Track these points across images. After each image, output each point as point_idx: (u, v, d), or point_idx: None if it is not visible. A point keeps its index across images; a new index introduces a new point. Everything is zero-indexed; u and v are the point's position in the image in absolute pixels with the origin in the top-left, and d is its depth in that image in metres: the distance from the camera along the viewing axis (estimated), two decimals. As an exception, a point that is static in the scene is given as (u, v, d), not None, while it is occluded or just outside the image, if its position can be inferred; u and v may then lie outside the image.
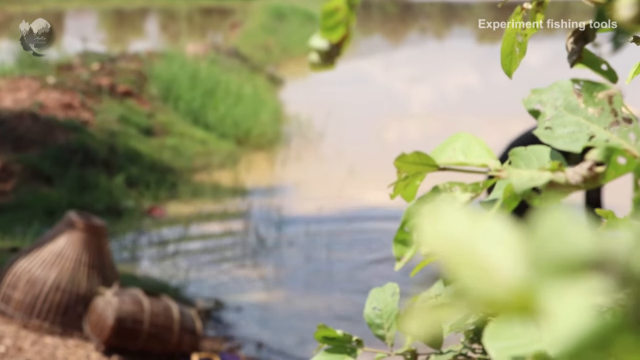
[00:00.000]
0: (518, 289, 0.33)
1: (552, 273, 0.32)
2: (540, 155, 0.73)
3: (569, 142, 0.69)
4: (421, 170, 0.71)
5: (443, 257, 0.35)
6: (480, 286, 0.33)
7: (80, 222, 4.00)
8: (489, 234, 0.34)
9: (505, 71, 0.85)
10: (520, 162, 0.72)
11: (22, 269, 3.97)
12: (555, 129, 0.71)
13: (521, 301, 0.33)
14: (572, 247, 0.32)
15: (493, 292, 0.33)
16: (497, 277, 0.33)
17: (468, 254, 0.34)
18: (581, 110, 0.70)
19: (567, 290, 0.32)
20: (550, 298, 0.32)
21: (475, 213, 0.36)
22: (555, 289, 0.32)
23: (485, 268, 0.33)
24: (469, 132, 0.76)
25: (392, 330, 0.95)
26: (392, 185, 0.73)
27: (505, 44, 0.84)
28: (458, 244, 0.35)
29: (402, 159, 0.70)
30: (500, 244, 0.34)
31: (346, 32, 0.64)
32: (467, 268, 0.34)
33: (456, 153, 0.74)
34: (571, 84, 0.72)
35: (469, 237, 0.35)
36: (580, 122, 0.70)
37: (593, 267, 0.32)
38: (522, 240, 0.34)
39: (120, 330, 3.73)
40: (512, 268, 0.33)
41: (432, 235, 0.36)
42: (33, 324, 3.88)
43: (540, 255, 0.33)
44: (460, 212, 0.36)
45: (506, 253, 0.34)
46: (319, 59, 0.65)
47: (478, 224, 0.35)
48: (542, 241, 0.33)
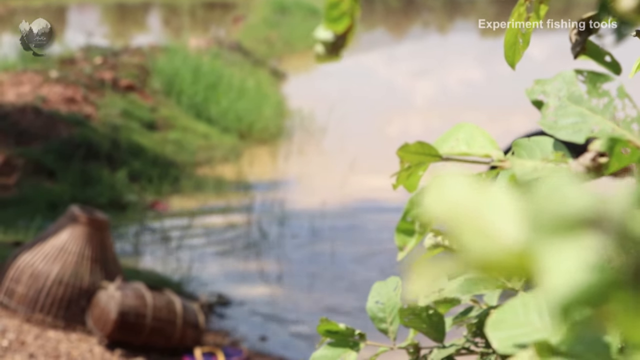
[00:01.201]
0: (517, 248, 0.33)
1: (550, 232, 0.33)
2: (544, 146, 0.73)
3: (572, 133, 0.69)
4: (424, 161, 0.71)
5: (447, 222, 0.35)
6: (482, 247, 0.34)
7: (83, 216, 4.00)
8: (491, 200, 0.35)
9: (509, 62, 0.85)
10: (523, 153, 0.72)
11: (25, 263, 3.98)
12: (558, 119, 0.71)
13: (520, 260, 0.33)
14: (568, 206, 0.33)
15: (494, 252, 0.33)
16: (498, 238, 0.34)
17: (471, 218, 0.34)
18: (585, 101, 0.70)
19: (564, 248, 0.32)
20: (547, 256, 0.33)
21: (478, 182, 0.37)
22: (552, 247, 0.33)
23: (487, 230, 0.34)
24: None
25: (395, 324, 0.95)
26: (395, 175, 0.73)
27: (508, 36, 0.84)
28: (461, 208, 0.35)
29: (405, 149, 0.69)
30: (501, 208, 0.34)
31: (351, 23, 0.64)
32: (470, 231, 0.34)
33: (459, 143, 0.74)
34: (575, 75, 0.71)
35: (472, 202, 0.35)
36: (583, 113, 0.70)
37: (589, 225, 0.32)
38: (522, 202, 0.34)
39: (123, 324, 3.73)
40: (512, 229, 0.34)
41: (436, 202, 0.36)
42: (36, 318, 3.89)
43: (538, 215, 0.33)
44: (464, 180, 0.37)
45: (507, 216, 0.34)
46: (324, 51, 0.64)
47: (481, 191, 0.36)
48: (540, 201, 0.34)
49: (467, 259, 0.35)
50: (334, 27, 0.64)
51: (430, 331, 0.93)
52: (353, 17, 0.64)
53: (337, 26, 0.64)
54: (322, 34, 0.64)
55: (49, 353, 3.49)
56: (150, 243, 6.19)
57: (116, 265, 4.11)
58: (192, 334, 3.97)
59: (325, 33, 0.64)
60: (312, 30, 0.65)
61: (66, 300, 3.90)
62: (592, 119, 0.70)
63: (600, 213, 0.33)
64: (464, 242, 0.35)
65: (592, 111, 0.70)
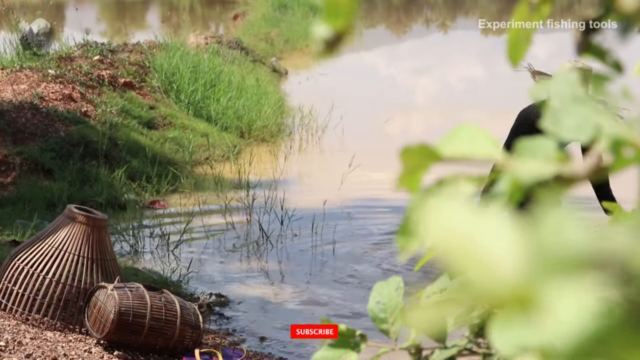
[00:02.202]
0: (519, 284, 0.32)
1: (553, 269, 0.32)
2: (546, 147, 0.72)
3: (575, 134, 0.68)
4: (425, 162, 0.70)
5: (446, 251, 0.34)
6: (482, 281, 0.33)
7: (81, 215, 3.99)
8: (491, 229, 0.34)
9: (511, 61, 0.84)
10: (526, 154, 0.71)
11: (22, 263, 3.96)
12: (561, 119, 0.70)
13: (522, 297, 0.33)
14: (573, 244, 0.32)
15: (494, 287, 0.33)
16: (499, 273, 0.33)
17: (470, 249, 0.33)
18: (588, 101, 0.69)
19: (568, 287, 0.31)
20: (551, 294, 0.32)
21: (478, 207, 0.36)
22: (556, 286, 0.32)
23: (487, 263, 0.33)
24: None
25: (397, 325, 0.94)
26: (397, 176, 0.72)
27: (511, 34, 0.83)
28: (461, 238, 0.34)
29: (406, 150, 0.68)
30: (502, 239, 0.34)
31: (350, 19, 0.63)
32: (470, 263, 0.33)
33: (461, 144, 0.73)
34: (577, 75, 0.70)
35: (471, 231, 0.34)
36: (586, 113, 0.69)
37: (594, 264, 0.31)
38: (524, 235, 0.34)
39: (122, 324, 3.72)
40: (513, 263, 0.33)
41: (435, 230, 0.35)
42: (33, 319, 3.88)
43: (541, 251, 0.32)
44: (463, 207, 0.36)
45: (508, 248, 0.33)
46: (323, 47, 0.64)
47: (481, 219, 0.35)
48: (544, 237, 0.33)
49: (466, 291, 0.34)
50: (333, 23, 0.63)
51: (432, 332, 0.92)
52: (352, 13, 0.63)
53: (336, 22, 0.63)
54: (321, 30, 0.63)
55: (46, 354, 3.48)
56: (149, 242, 6.18)
57: (114, 264, 4.10)
58: (191, 334, 3.96)
59: (324, 29, 0.63)
60: (312, 28, 0.64)
61: (64, 300, 3.89)
62: (595, 119, 0.69)
63: (605, 252, 0.32)
64: (462, 273, 0.34)
65: (596, 111, 0.69)
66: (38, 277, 3.92)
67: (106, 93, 9.04)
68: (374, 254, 6.10)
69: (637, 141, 0.64)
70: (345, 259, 6.02)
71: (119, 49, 11.06)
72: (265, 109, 10.21)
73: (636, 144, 0.63)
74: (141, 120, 8.90)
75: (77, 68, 9.23)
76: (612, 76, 0.68)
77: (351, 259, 6.02)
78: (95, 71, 9.35)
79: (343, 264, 5.92)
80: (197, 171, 8.29)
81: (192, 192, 7.37)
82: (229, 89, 10.40)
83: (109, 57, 10.20)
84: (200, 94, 10.06)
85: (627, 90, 0.68)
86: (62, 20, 20.74)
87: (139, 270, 5.39)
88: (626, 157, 0.62)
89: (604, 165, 0.62)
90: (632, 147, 0.62)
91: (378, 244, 6.32)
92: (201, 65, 10.54)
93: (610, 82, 0.68)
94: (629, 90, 0.68)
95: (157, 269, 5.56)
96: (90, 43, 10.69)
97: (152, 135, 8.70)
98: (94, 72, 9.30)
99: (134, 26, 22.23)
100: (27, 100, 8.06)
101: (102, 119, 8.36)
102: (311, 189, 7.80)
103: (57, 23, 15.70)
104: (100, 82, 9.21)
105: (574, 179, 0.63)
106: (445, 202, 0.36)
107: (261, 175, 7.86)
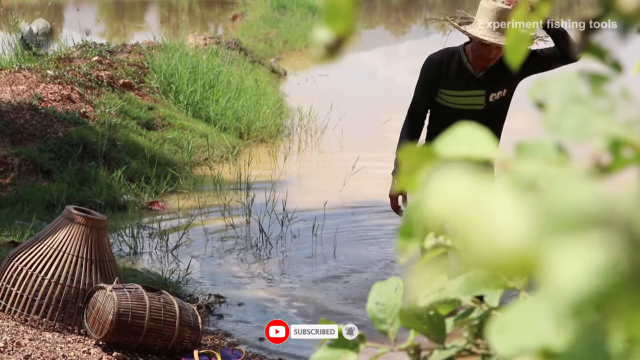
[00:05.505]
0: (523, 246, 0.32)
1: (557, 230, 0.32)
2: (546, 147, 0.72)
3: (574, 134, 0.68)
4: (424, 163, 0.70)
5: (450, 221, 0.34)
6: (486, 245, 0.33)
7: (80, 216, 3.98)
8: (495, 197, 0.34)
9: (511, 62, 0.84)
10: (525, 154, 0.71)
11: (21, 264, 3.96)
12: (560, 120, 0.70)
13: (525, 259, 0.33)
14: (577, 204, 0.32)
15: (498, 250, 0.33)
16: (503, 236, 0.33)
17: (474, 216, 0.34)
18: (587, 101, 0.69)
19: (571, 247, 0.31)
20: (555, 255, 0.32)
21: (479, 179, 0.36)
22: (559, 246, 0.32)
23: (491, 228, 0.33)
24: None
25: (395, 325, 0.94)
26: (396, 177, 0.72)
27: (511, 35, 0.83)
28: (464, 207, 0.34)
29: (405, 151, 0.68)
30: (505, 205, 0.34)
31: (350, 22, 0.63)
32: (473, 229, 0.33)
33: (460, 145, 0.73)
34: (577, 75, 0.70)
35: (475, 200, 0.34)
36: (585, 114, 0.69)
37: (597, 224, 0.31)
38: (528, 198, 0.34)
39: (121, 325, 3.71)
40: (517, 227, 0.33)
41: (439, 201, 0.35)
42: (32, 319, 3.87)
43: (545, 213, 0.32)
44: (466, 178, 0.36)
45: (512, 213, 0.33)
46: (323, 50, 0.63)
47: (484, 189, 0.35)
48: (548, 200, 0.33)
49: (471, 257, 0.34)
50: (334, 26, 0.63)
51: (430, 332, 0.92)
52: (353, 16, 0.63)
53: (336, 25, 0.63)
54: (321, 34, 0.63)
55: (45, 355, 3.47)
56: (148, 243, 6.17)
57: (113, 265, 4.09)
58: (190, 335, 3.95)
59: (325, 32, 0.63)
60: (311, 29, 0.64)
61: (62, 301, 3.88)
62: (594, 120, 0.69)
63: (609, 212, 0.32)
64: (467, 240, 0.34)
65: (595, 112, 0.69)
66: (37, 278, 3.92)
67: (105, 94, 9.03)
68: (374, 254, 6.09)
69: (637, 141, 0.64)
70: (345, 259, 6.02)
71: (117, 49, 11.06)
72: (264, 110, 10.21)
73: (635, 144, 0.63)
74: (140, 121, 8.89)
75: (76, 69, 9.23)
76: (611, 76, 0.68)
77: (351, 259, 6.02)
78: (94, 72, 9.34)
79: (343, 264, 5.92)
80: (196, 172, 8.28)
81: (191, 193, 7.37)
82: (227, 89, 10.39)
83: (107, 57, 10.19)
84: (199, 94, 10.05)
85: (626, 90, 0.68)
86: (61, 21, 20.74)
87: (138, 271, 5.39)
88: (625, 158, 0.62)
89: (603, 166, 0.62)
90: (631, 147, 0.62)
91: (378, 245, 6.31)
92: (200, 66, 10.53)
93: (610, 82, 0.68)
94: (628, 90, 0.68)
95: (156, 270, 5.56)
96: (89, 44, 10.68)
97: (151, 136, 8.70)
98: (92, 72, 9.29)
99: (133, 27, 22.22)
100: (26, 101, 8.05)
101: (101, 120, 8.36)
102: (310, 190, 7.80)
103: (56, 24, 15.70)
104: (99, 83, 9.21)
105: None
106: (447, 174, 0.36)
107: (260, 176, 7.86)
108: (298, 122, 10.46)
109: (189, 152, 8.42)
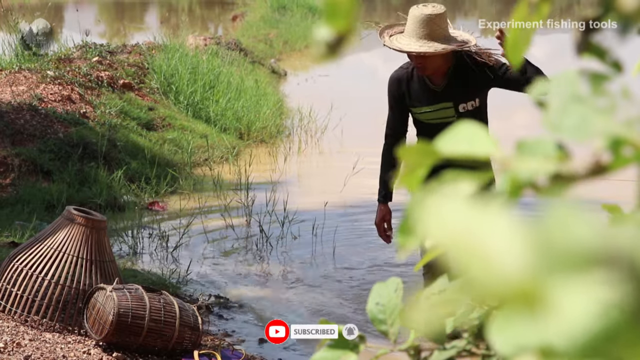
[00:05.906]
0: (524, 281, 0.32)
1: (559, 266, 0.31)
2: (546, 146, 0.72)
3: (575, 134, 0.68)
4: (425, 161, 0.70)
5: (448, 250, 0.34)
6: (486, 278, 0.32)
7: (80, 216, 3.98)
8: (494, 226, 0.33)
9: (511, 62, 0.84)
10: (525, 152, 0.71)
11: (21, 264, 3.96)
12: (560, 119, 0.70)
13: (527, 294, 0.32)
14: (579, 241, 0.32)
15: (498, 283, 0.32)
16: (503, 269, 0.32)
17: (473, 246, 0.33)
18: (587, 100, 0.69)
19: (574, 284, 0.31)
20: (557, 291, 0.31)
21: (479, 204, 0.35)
22: (562, 282, 0.31)
23: (490, 260, 0.33)
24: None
25: (396, 326, 0.94)
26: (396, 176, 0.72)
27: (510, 35, 0.83)
28: (463, 236, 0.34)
29: (406, 149, 0.68)
30: (506, 235, 0.33)
31: (351, 20, 0.62)
32: (472, 260, 0.33)
33: (460, 143, 0.73)
34: (577, 74, 0.70)
35: (473, 228, 0.34)
36: (586, 113, 0.69)
37: (600, 262, 0.31)
38: (529, 231, 0.33)
39: (121, 326, 3.71)
40: (518, 260, 0.32)
41: (436, 228, 0.35)
42: (32, 320, 3.87)
43: (547, 247, 0.32)
44: (464, 204, 0.35)
45: (512, 244, 0.33)
46: (323, 50, 0.63)
47: (482, 216, 0.34)
48: (549, 234, 0.32)
49: (469, 288, 0.34)
50: (334, 25, 0.62)
51: (432, 333, 0.92)
52: (353, 15, 0.63)
53: (337, 24, 0.62)
54: (321, 33, 0.63)
55: (45, 355, 3.47)
56: (148, 244, 6.17)
57: (113, 266, 4.09)
58: (190, 335, 3.95)
59: (325, 31, 0.63)
60: (311, 29, 0.64)
61: (62, 301, 3.88)
62: (595, 119, 0.68)
63: (612, 249, 0.32)
64: (466, 271, 0.34)
65: (595, 111, 0.69)
66: (37, 279, 3.92)
67: (105, 94, 9.03)
68: (373, 255, 6.09)
69: (637, 141, 0.64)
70: (345, 260, 6.02)
71: (117, 50, 11.05)
72: (264, 110, 10.21)
73: (635, 143, 0.63)
74: (140, 122, 8.89)
75: (76, 69, 9.23)
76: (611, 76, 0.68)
77: (351, 260, 6.02)
78: (94, 72, 9.34)
79: (343, 265, 5.92)
80: (196, 172, 8.28)
81: (191, 193, 7.37)
82: (228, 90, 10.39)
83: (107, 58, 10.19)
84: (199, 95, 10.05)
85: (626, 90, 0.67)
86: (61, 21, 20.75)
87: (138, 271, 5.39)
88: (625, 156, 0.61)
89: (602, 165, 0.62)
90: (631, 147, 0.61)
91: (378, 245, 6.31)
92: (200, 67, 10.53)
93: (610, 81, 0.68)
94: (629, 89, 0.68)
95: (156, 270, 5.55)
96: (89, 44, 10.68)
97: (151, 137, 8.70)
98: (92, 73, 9.29)
99: (133, 27, 22.23)
100: (26, 101, 8.05)
101: (101, 120, 8.36)
102: (311, 191, 7.80)
103: (56, 24, 15.70)
104: (99, 84, 9.21)
105: (574, 177, 0.63)
106: (445, 199, 0.36)
107: (260, 176, 7.86)
108: (298, 122, 10.46)
109: (189, 152, 8.42)
